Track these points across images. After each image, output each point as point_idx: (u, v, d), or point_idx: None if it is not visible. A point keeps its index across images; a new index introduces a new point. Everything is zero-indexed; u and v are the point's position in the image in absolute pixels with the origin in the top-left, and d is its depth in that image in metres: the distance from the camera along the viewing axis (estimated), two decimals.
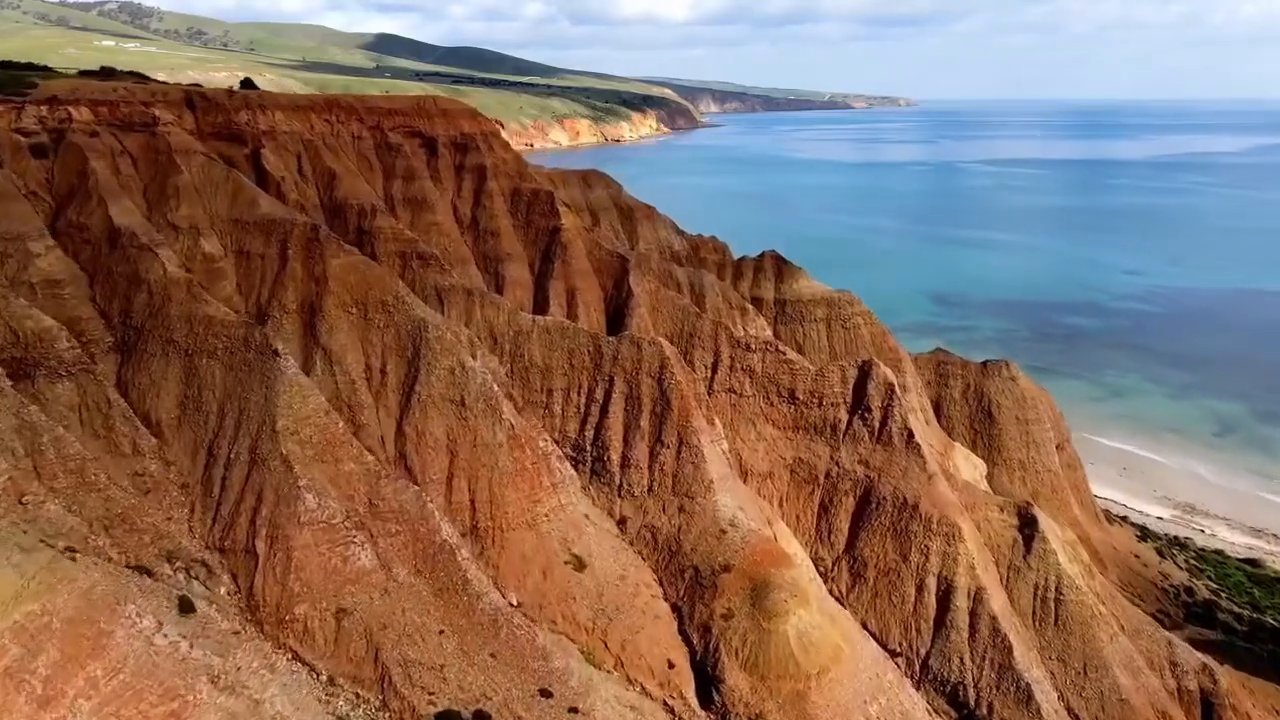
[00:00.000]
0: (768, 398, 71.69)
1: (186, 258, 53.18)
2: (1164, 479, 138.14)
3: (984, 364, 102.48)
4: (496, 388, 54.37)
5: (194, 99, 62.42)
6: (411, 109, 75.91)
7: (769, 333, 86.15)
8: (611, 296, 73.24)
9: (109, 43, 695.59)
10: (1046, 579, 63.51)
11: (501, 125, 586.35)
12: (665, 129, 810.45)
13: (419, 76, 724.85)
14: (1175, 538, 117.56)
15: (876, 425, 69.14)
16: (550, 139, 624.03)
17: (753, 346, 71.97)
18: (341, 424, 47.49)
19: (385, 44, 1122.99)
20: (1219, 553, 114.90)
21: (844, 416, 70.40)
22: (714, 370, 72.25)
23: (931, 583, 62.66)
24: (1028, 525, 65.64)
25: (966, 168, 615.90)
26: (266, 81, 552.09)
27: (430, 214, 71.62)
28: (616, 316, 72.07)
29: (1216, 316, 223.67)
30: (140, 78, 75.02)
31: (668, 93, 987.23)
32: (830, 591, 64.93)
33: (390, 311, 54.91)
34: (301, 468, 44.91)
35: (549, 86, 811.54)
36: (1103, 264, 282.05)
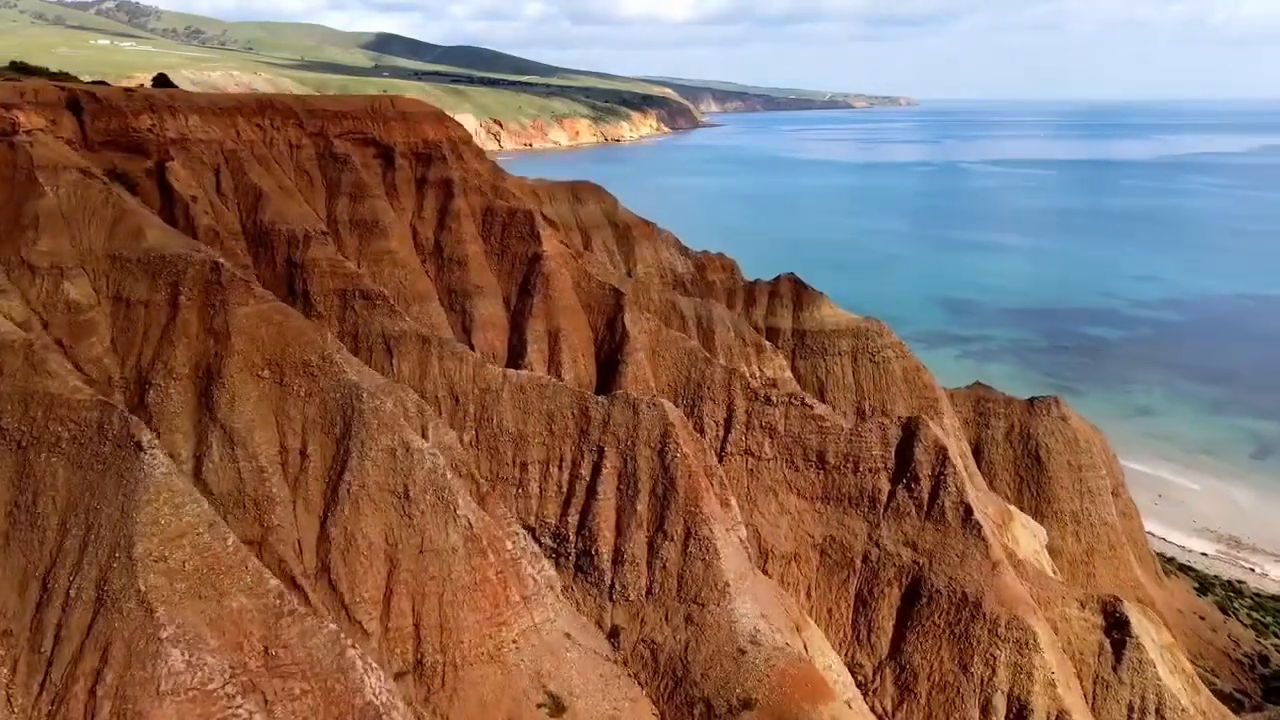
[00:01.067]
0: (792, 461, 59.18)
1: (44, 308, 40.66)
2: (1202, 507, 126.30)
3: (1030, 401, 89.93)
4: (450, 475, 41.81)
5: (79, 100, 49.83)
6: (363, 111, 63.17)
7: (788, 373, 73.59)
8: (603, 338, 60.69)
9: (104, 41, 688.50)
10: (1143, 697, 51.09)
11: (501, 125, 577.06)
12: (666, 129, 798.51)
13: (418, 76, 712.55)
14: (1228, 582, 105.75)
15: (925, 498, 56.62)
16: (549, 139, 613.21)
17: (773, 399, 59.43)
18: (232, 540, 34.91)
19: (385, 43, 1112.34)
20: (1277, 599, 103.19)
21: (885, 486, 57.88)
22: (727, 428, 59.72)
23: (1000, 702, 50.15)
24: (1117, 627, 53.17)
25: (971, 168, 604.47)
26: (262, 81, 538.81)
27: (382, 240, 58.97)
28: (609, 363, 59.56)
29: (1241, 325, 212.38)
30: (21, 72, 62.23)
31: (668, 92, 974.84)
32: (871, 708, 52.46)
33: (314, 375, 42.34)
34: (167, 610, 32.35)
35: (548, 86, 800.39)
36: (1117, 269, 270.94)
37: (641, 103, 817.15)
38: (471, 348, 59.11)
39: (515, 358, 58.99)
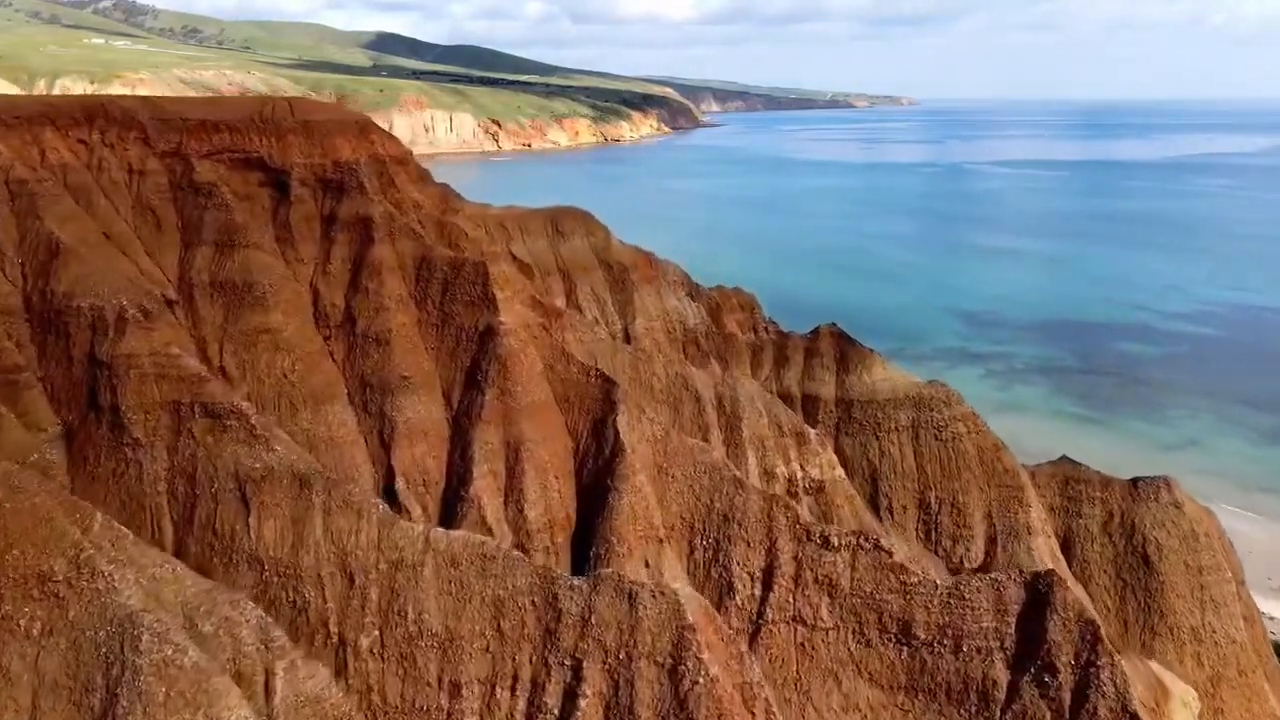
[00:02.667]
0: (862, 634, 40.43)
1: None
2: (1273, 559, 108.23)
3: (1134, 483, 70.42)
4: None
5: None
6: (245, 120, 43.75)
7: (839, 472, 54.84)
8: (588, 449, 41.79)
9: (98, 40, 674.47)
10: None
11: (499, 125, 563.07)
12: (666, 129, 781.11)
13: (417, 75, 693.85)
14: None
15: (1067, 698, 37.84)
16: (549, 139, 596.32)
17: (834, 542, 40.66)
18: None
19: (384, 43, 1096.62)
20: None
21: (1003, 675, 39.12)
22: (766, 584, 40.87)
23: None
24: None
25: (977, 169, 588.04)
26: (256, 80, 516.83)
27: (259, 311, 39.82)
28: (596, 489, 40.66)
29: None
30: None
31: (669, 92, 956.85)
32: None
33: (59, 598, 23.63)
34: None
35: (548, 86, 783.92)
36: (1140, 277, 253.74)
37: (642, 102, 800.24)
38: (391, 473, 40.33)
39: (457, 485, 40.16)
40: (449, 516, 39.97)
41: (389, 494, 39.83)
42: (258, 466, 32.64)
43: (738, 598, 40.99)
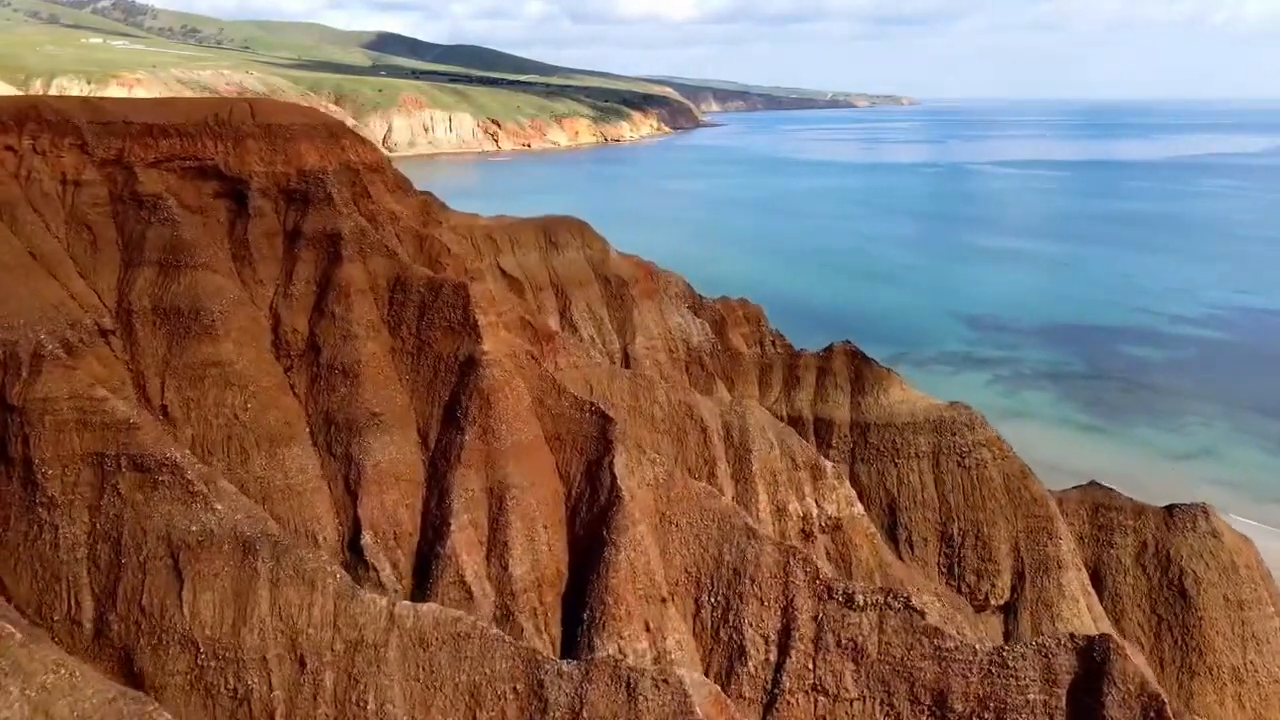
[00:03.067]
0: (891, 705, 35.77)
1: None
2: None
3: (1169, 511, 65.78)
4: None
5: None
6: (198, 125, 38.84)
7: (858, 509, 50.13)
8: (581, 495, 37.09)
9: (96, 40, 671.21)
10: None
11: (499, 125, 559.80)
12: (667, 129, 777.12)
13: (416, 75, 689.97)
14: None
15: None
16: (548, 139, 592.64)
17: (859, 600, 35.99)
18: None
19: (384, 43, 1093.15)
20: None
21: None
22: (783, 648, 36.20)
23: None
24: None
25: (979, 169, 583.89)
26: (255, 80, 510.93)
27: (208, 341, 35.11)
28: (589, 542, 35.96)
29: None
30: None
31: (669, 92, 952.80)
32: None
33: None
34: None
35: (548, 86, 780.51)
36: (1148, 280, 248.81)
37: (642, 102, 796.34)
38: (358, 524, 35.63)
39: (433, 538, 35.46)
40: (423, 574, 35.32)
41: (355, 549, 35.21)
42: (194, 529, 27.94)
43: (750, 664, 36.33)
